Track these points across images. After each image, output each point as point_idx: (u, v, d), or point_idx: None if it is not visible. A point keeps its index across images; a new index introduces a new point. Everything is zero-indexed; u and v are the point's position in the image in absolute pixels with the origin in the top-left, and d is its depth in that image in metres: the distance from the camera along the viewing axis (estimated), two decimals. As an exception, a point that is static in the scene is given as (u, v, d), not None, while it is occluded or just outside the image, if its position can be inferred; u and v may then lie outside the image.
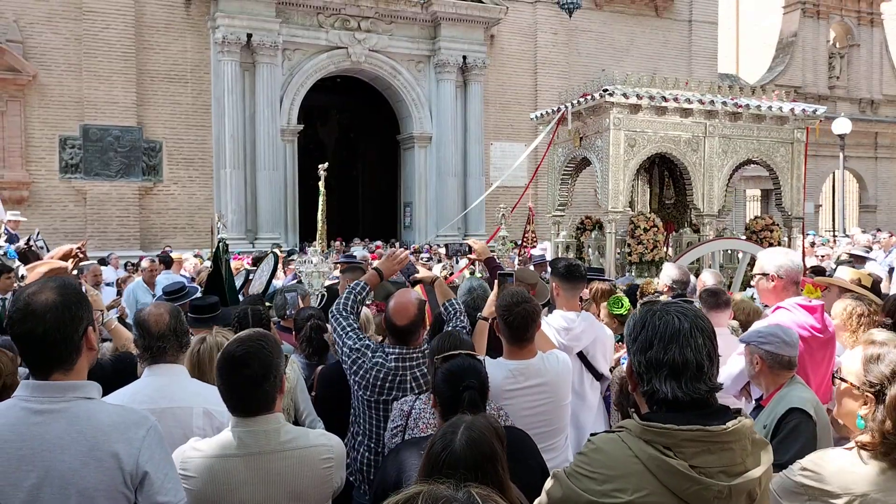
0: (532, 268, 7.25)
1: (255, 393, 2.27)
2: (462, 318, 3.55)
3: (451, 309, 3.60)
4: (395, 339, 3.22)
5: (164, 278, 9.39)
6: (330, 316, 3.43)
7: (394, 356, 3.16)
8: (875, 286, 5.56)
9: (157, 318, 2.78)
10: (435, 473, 1.72)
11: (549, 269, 4.35)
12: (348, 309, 3.38)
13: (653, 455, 1.65)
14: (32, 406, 1.86)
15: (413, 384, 3.15)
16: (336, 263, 9.28)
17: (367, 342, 3.26)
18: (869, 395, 2.00)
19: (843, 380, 2.12)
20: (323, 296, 5.98)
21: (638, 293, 5.54)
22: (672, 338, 1.73)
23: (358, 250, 11.27)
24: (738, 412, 1.74)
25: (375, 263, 3.87)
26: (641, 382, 1.77)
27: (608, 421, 4.32)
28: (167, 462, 1.96)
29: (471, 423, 1.95)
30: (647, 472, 1.65)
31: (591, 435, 1.84)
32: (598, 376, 4.20)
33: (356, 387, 3.21)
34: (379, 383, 3.13)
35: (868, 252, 10.91)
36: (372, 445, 3.19)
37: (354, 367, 3.18)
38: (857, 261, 8.92)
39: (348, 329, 3.29)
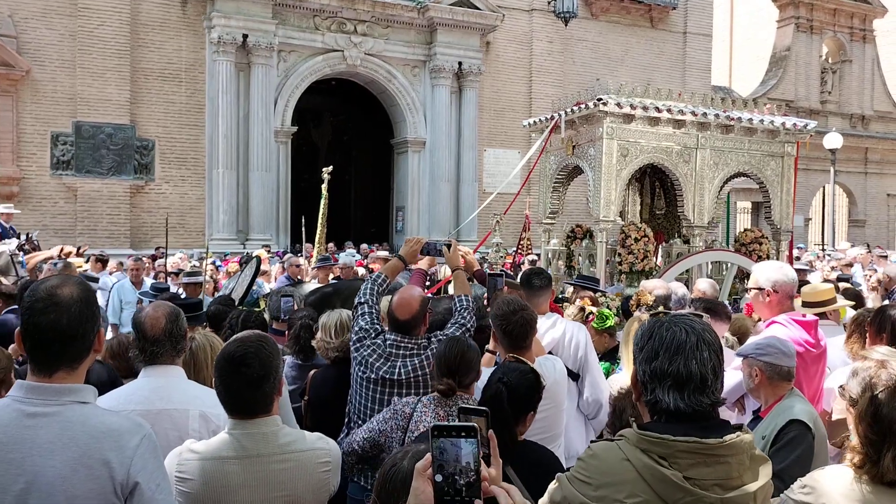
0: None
1: (255, 394, 2.24)
2: (467, 315, 3.64)
3: (459, 304, 3.70)
4: (396, 330, 3.44)
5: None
6: (356, 301, 3.67)
7: (389, 342, 3.39)
8: (858, 299, 5.66)
9: (153, 321, 2.73)
10: (383, 493, 1.71)
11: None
12: (371, 296, 3.64)
13: (647, 464, 1.67)
14: (26, 408, 1.81)
15: (402, 370, 3.32)
16: (314, 267, 9.28)
17: (376, 326, 3.52)
18: (850, 409, 2.02)
19: (841, 395, 2.14)
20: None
21: (631, 302, 5.53)
22: (678, 349, 1.74)
23: (344, 255, 11.24)
24: (739, 427, 1.75)
25: (401, 251, 4.07)
26: (645, 392, 1.79)
27: (587, 425, 4.27)
28: (160, 472, 1.90)
29: (416, 451, 1.97)
30: (642, 479, 1.67)
31: (592, 442, 1.88)
32: (575, 377, 4.14)
33: (355, 364, 3.44)
34: (371, 361, 3.35)
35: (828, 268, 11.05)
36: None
37: (358, 345, 3.44)
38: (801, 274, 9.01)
39: (366, 313, 3.55)
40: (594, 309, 5.31)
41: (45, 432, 1.79)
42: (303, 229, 9.81)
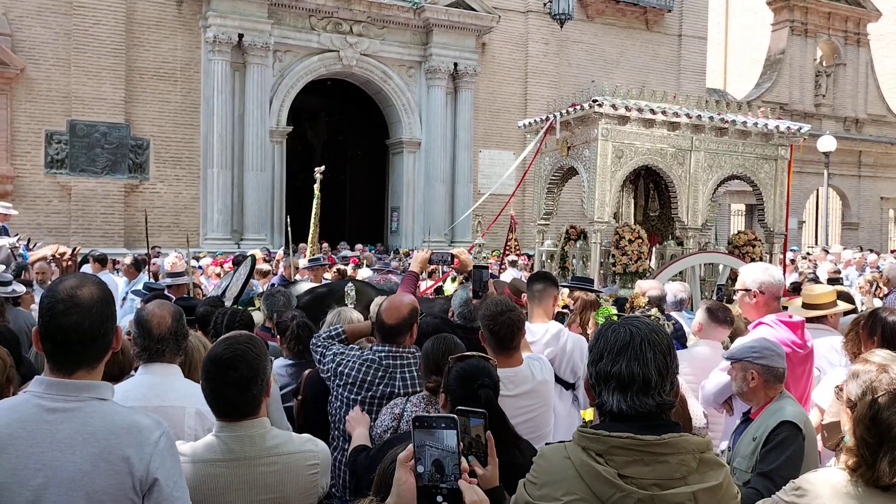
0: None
1: (243, 396, 2.23)
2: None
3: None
4: (382, 337, 3.29)
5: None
6: (312, 341, 3.53)
7: (383, 353, 3.22)
8: (849, 300, 5.67)
9: (159, 319, 2.72)
10: (384, 488, 1.71)
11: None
12: (324, 339, 3.46)
13: (584, 461, 1.67)
14: (45, 403, 1.80)
15: (401, 383, 3.17)
16: (305, 268, 9.28)
17: (352, 347, 3.38)
18: (847, 411, 2.03)
19: (838, 396, 2.17)
20: None
21: (627, 306, 5.53)
22: (621, 351, 1.73)
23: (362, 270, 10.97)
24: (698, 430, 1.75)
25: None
26: (595, 394, 1.80)
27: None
28: (177, 469, 1.91)
29: None
30: (579, 477, 1.67)
31: (546, 444, 1.88)
32: (567, 385, 4.15)
33: (340, 388, 3.24)
34: (369, 378, 3.17)
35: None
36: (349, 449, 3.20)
37: (339, 368, 3.24)
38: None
39: (330, 338, 3.42)
40: (560, 308, 5.32)
41: (66, 427, 1.78)
42: (288, 229, 9.74)
